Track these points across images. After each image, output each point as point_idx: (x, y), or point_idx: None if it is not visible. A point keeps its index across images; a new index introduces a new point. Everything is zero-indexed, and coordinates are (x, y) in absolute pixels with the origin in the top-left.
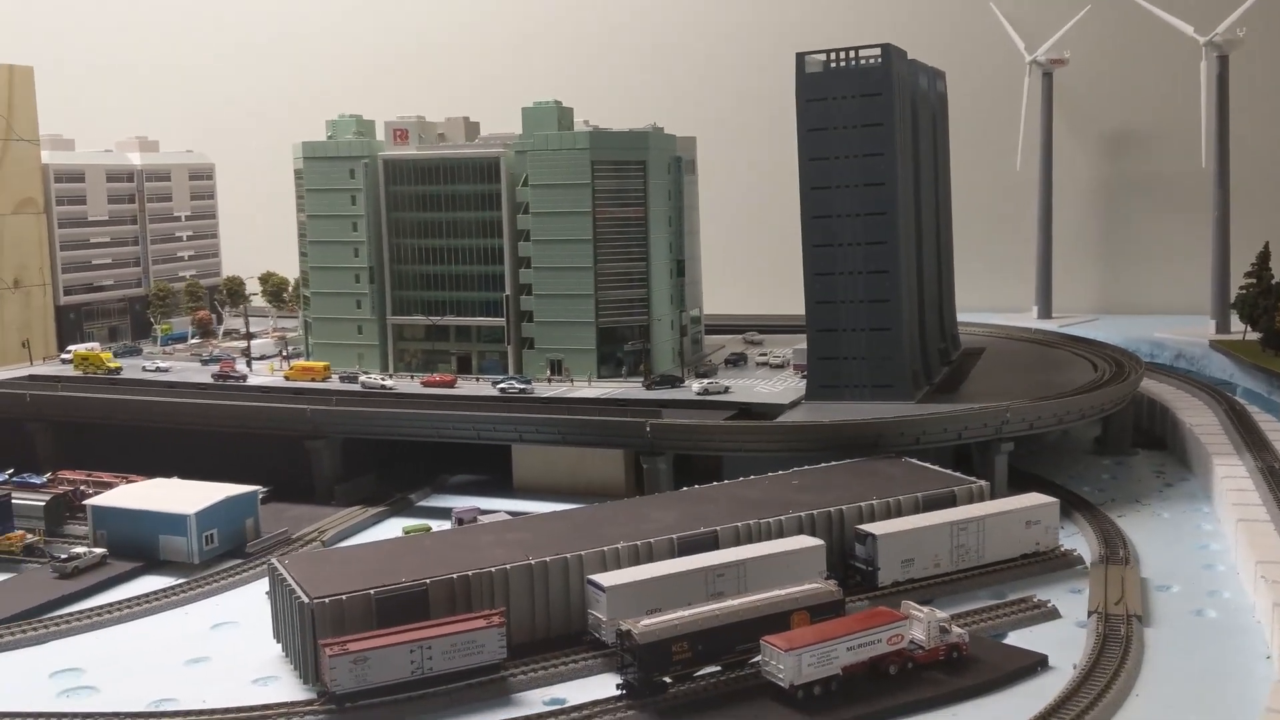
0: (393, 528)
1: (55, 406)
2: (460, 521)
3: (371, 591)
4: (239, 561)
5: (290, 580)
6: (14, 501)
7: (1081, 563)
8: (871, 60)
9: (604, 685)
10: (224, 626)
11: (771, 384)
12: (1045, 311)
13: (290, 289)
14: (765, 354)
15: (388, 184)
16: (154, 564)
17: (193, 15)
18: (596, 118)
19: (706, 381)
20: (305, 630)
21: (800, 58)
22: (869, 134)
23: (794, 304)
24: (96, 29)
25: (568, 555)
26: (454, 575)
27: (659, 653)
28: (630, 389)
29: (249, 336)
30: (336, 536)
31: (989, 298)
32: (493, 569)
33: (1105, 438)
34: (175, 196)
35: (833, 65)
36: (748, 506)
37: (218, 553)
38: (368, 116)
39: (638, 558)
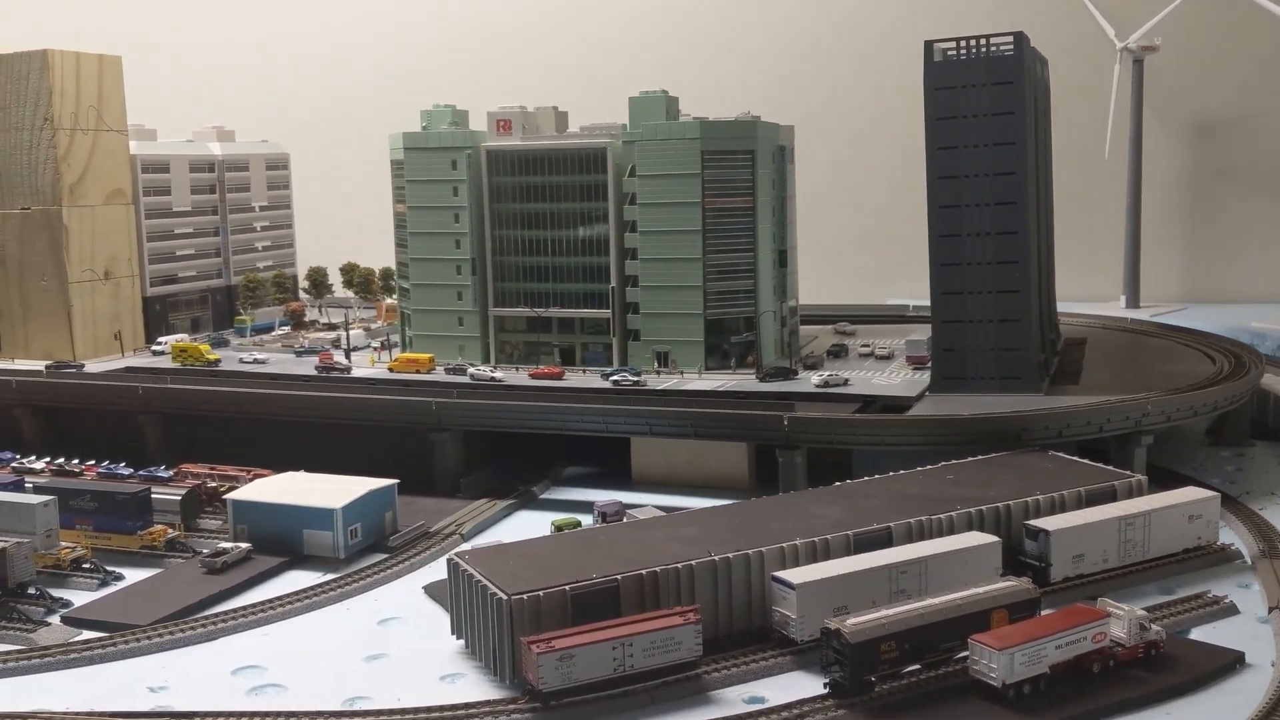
0: (525, 521)
1: (169, 399)
2: (604, 516)
3: (567, 588)
4: (384, 556)
5: (479, 576)
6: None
7: (1240, 557)
8: (1004, 48)
9: (798, 683)
10: (391, 622)
11: (887, 376)
12: (1133, 301)
13: (377, 280)
14: (868, 345)
15: (490, 175)
16: (298, 559)
17: (263, 2)
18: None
19: (826, 374)
20: (502, 627)
21: (929, 45)
22: (1000, 122)
23: (876, 293)
24: (169, 16)
25: (749, 551)
26: (643, 571)
27: (868, 652)
28: (742, 381)
29: (348, 328)
30: (474, 530)
31: (1075, 287)
32: (679, 565)
33: (1220, 429)
34: (253, 187)
35: (963, 53)
36: (912, 502)
37: (361, 547)
38: (442, 106)
39: (815, 554)
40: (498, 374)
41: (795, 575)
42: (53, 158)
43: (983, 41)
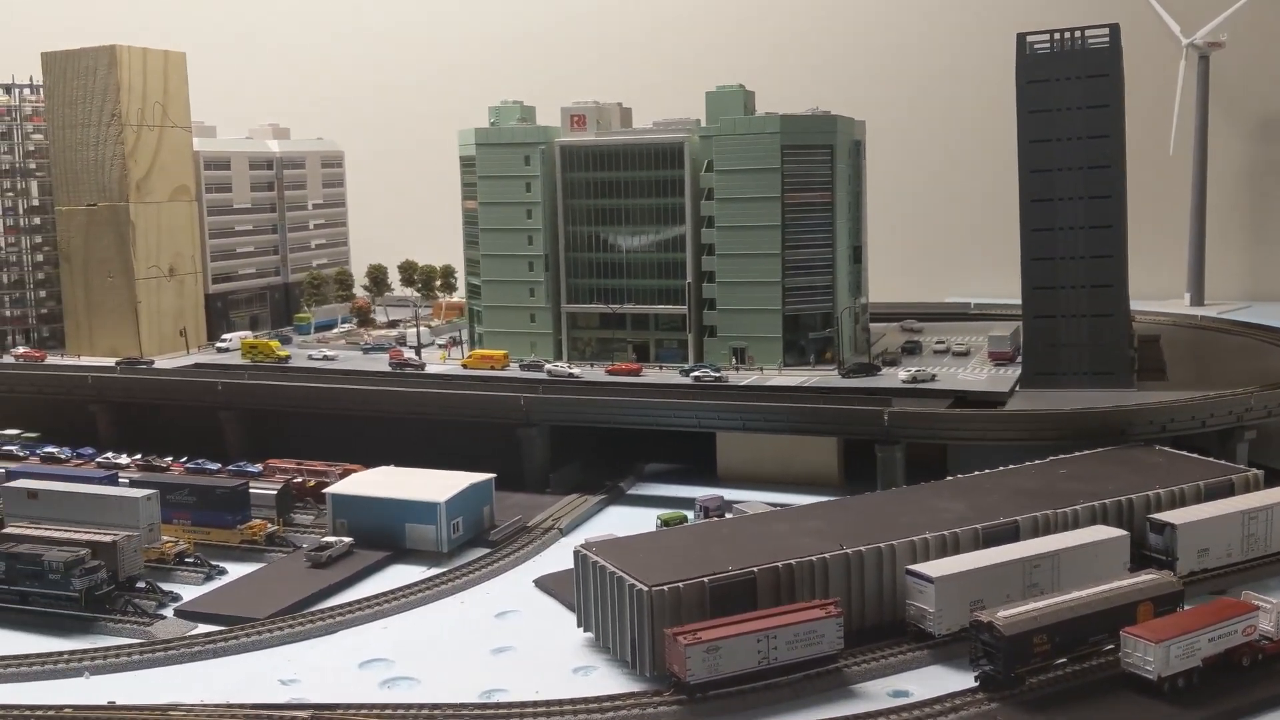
0: (618, 516)
1: (250, 395)
2: (706, 511)
3: (706, 579)
4: (487, 550)
5: (613, 568)
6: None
7: None
8: (1099, 41)
9: (939, 677)
10: (508, 615)
11: (971, 372)
12: (1198, 298)
13: (439, 277)
14: (943, 341)
15: (564, 170)
16: (400, 553)
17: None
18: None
19: (914, 369)
20: (641, 618)
21: (1022, 38)
22: (1095, 116)
23: (931, 292)
24: (220, 12)
25: (881, 545)
26: (779, 564)
27: (1022, 645)
28: (824, 377)
29: (418, 325)
30: (571, 525)
31: (1140, 285)
32: (814, 558)
33: None
34: (309, 184)
35: (1057, 46)
36: (1032, 497)
37: (462, 541)
38: (510, 101)
39: (945, 548)
40: (575, 370)
41: (932, 569)
42: (120, 154)
43: (1077, 34)
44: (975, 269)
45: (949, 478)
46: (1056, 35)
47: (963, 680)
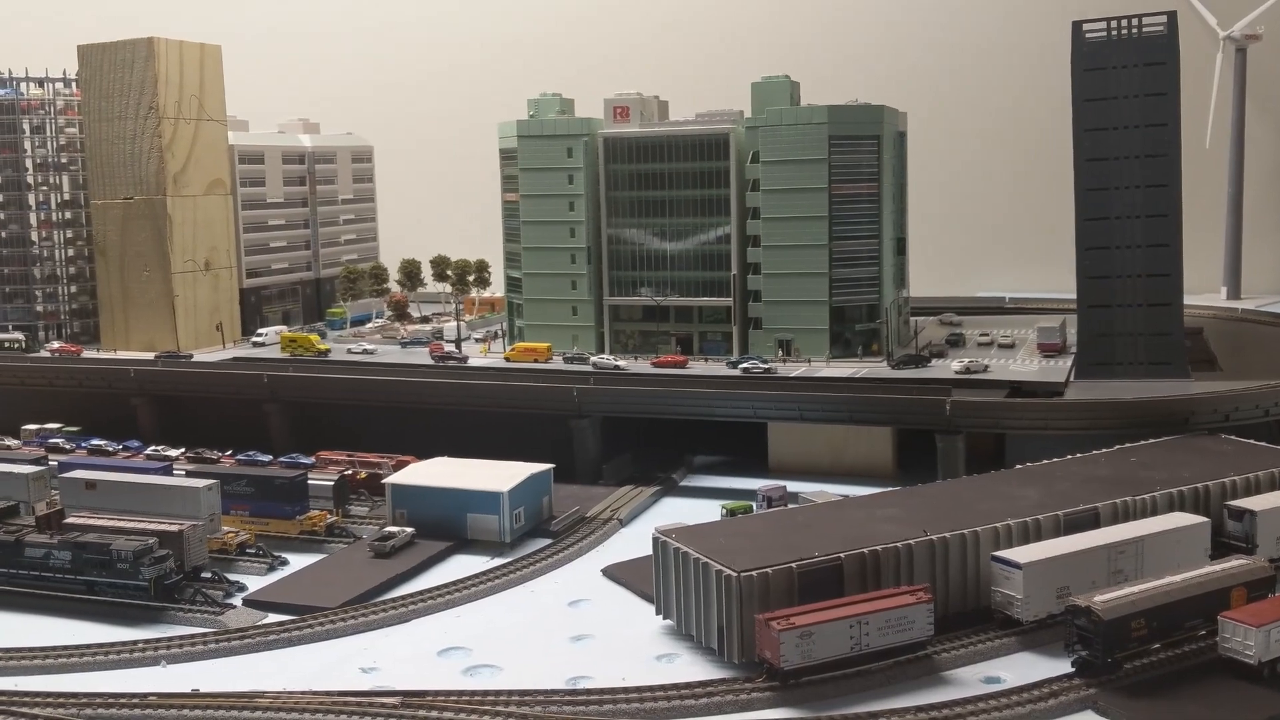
0: (675, 506)
1: (297, 388)
2: (769, 500)
3: (794, 565)
4: (549, 541)
5: (697, 554)
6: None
7: None
8: (1156, 28)
9: (1029, 663)
10: (581, 604)
11: (1022, 363)
12: (1234, 292)
13: (473, 271)
14: (987, 334)
15: (607, 162)
16: (461, 543)
17: None
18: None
19: (967, 360)
20: (730, 604)
21: (1077, 26)
22: (1153, 104)
23: (963, 286)
24: (249, 4)
25: (965, 531)
26: (865, 550)
27: (1120, 630)
28: (873, 369)
29: (459, 319)
30: (631, 515)
31: None
32: (899, 545)
33: None
34: (339, 179)
35: (1113, 34)
36: (1107, 484)
37: (523, 531)
38: (549, 94)
39: (1027, 535)
40: (621, 363)
41: (1020, 555)
42: (157, 147)
43: (1134, 22)
44: (1004, 263)
45: (1018, 466)
46: (1113, 23)
47: (1054, 666)
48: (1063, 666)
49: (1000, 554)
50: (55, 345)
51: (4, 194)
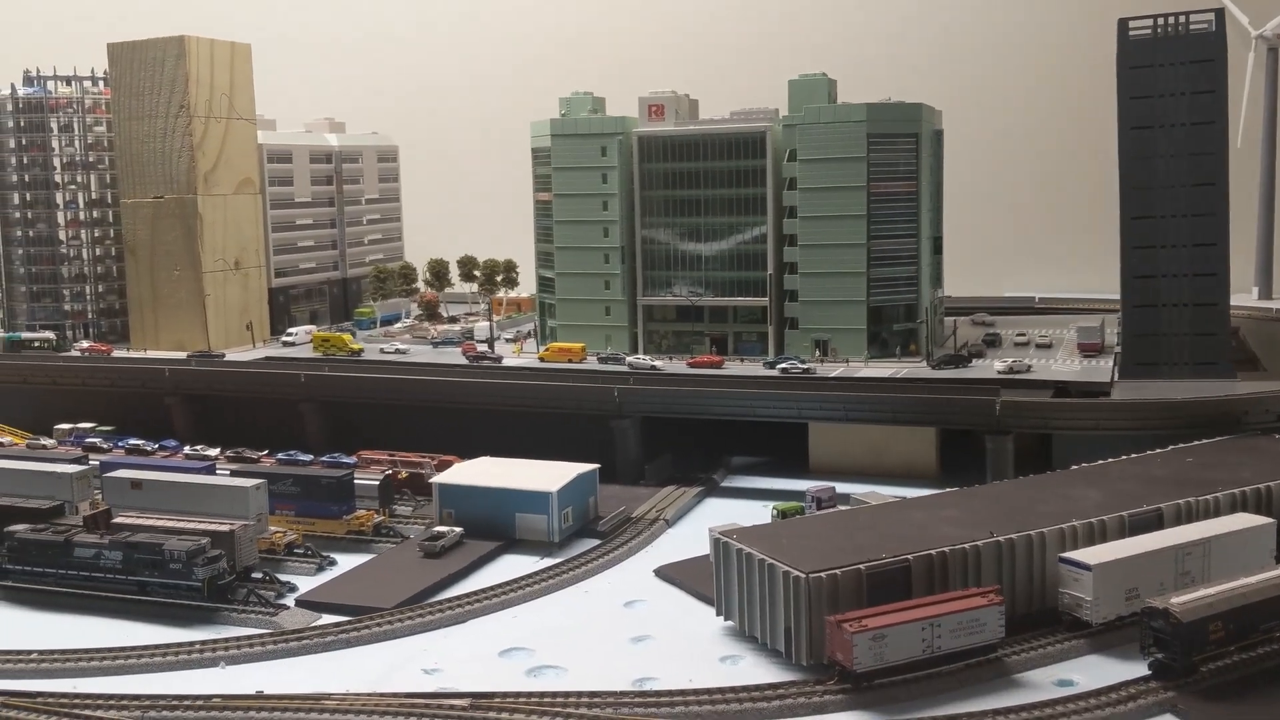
0: (719, 507)
1: (334, 387)
2: (819, 502)
3: (862, 566)
4: (597, 541)
5: (762, 555)
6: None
7: None
8: (1203, 25)
9: (1101, 666)
10: (636, 605)
11: (1063, 363)
12: (1265, 291)
13: (501, 271)
14: (1024, 334)
15: (641, 160)
16: (509, 543)
17: None
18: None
19: (1011, 360)
20: (798, 605)
21: (1123, 24)
22: (1200, 101)
23: (989, 286)
24: (272, 2)
25: (1031, 533)
26: (933, 551)
27: (1198, 632)
28: (913, 369)
29: (492, 319)
30: (677, 516)
31: None
32: (966, 546)
33: None
34: (365, 179)
35: (1160, 32)
36: (1167, 485)
37: (571, 531)
38: (580, 93)
39: (1092, 536)
40: (657, 363)
41: (1089, 556)
42: (188, 145)
43: (1181, 19)
44: (1030, 263)
45: (1074, 466)
46: (1159, 20)
47: (1126, 669)
48: (1135, 669)
49: (1068, 555)
50: (84, 344)
51: (32, 193)
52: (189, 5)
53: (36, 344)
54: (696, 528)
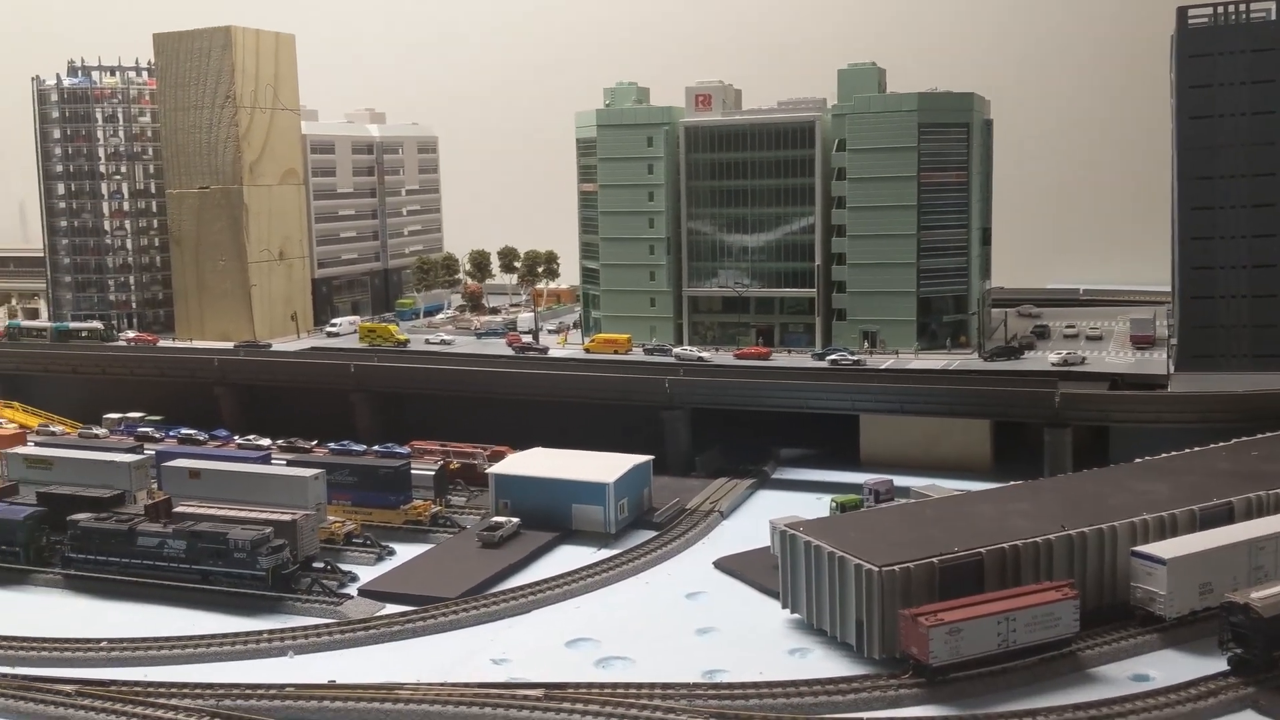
0: (772, 500)
1: (384, 378)
2: (877, 495)
3: (935, 560)
4: (655, 533)
5: (830, 548)
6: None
7: None
8: (1264, 14)
9: (1175, 660)
10: (698, 596)
11: (1117, 355)
12: None
13: (542, 262)
14: (1073, 326)
15: (688, 151)
16: (566, 534)
17: None
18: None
19: (1065, 352)
20: (870, 599)
21: (1182, 12)
22: (1260, 91)
23: (1034, 276)
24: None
25: (1103, 526)
26: (1005, 545)
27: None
28: (965, 361)
29: (536, 310)
30: (731, 508)
31: None
32: (1038, 539)
33: None
34: (405, 170)
35: (1219, 20)
36: (1234, 478)
37: (627, 522)
38: (625, 83)
39: (1164, 530)
40: (704, 354)
41: (1163, 550)
42: (234, 136)
43: (1240, 7)
44: (1071, 255)
45: (1137, 460)
46: (1218, 8)
47: (1203, 664)
48: (1211, 664)
49: (1141, 549)
50: (130, 334)
51: (77, 183)
52: None
53: (84, 334)
54: (752, 520)
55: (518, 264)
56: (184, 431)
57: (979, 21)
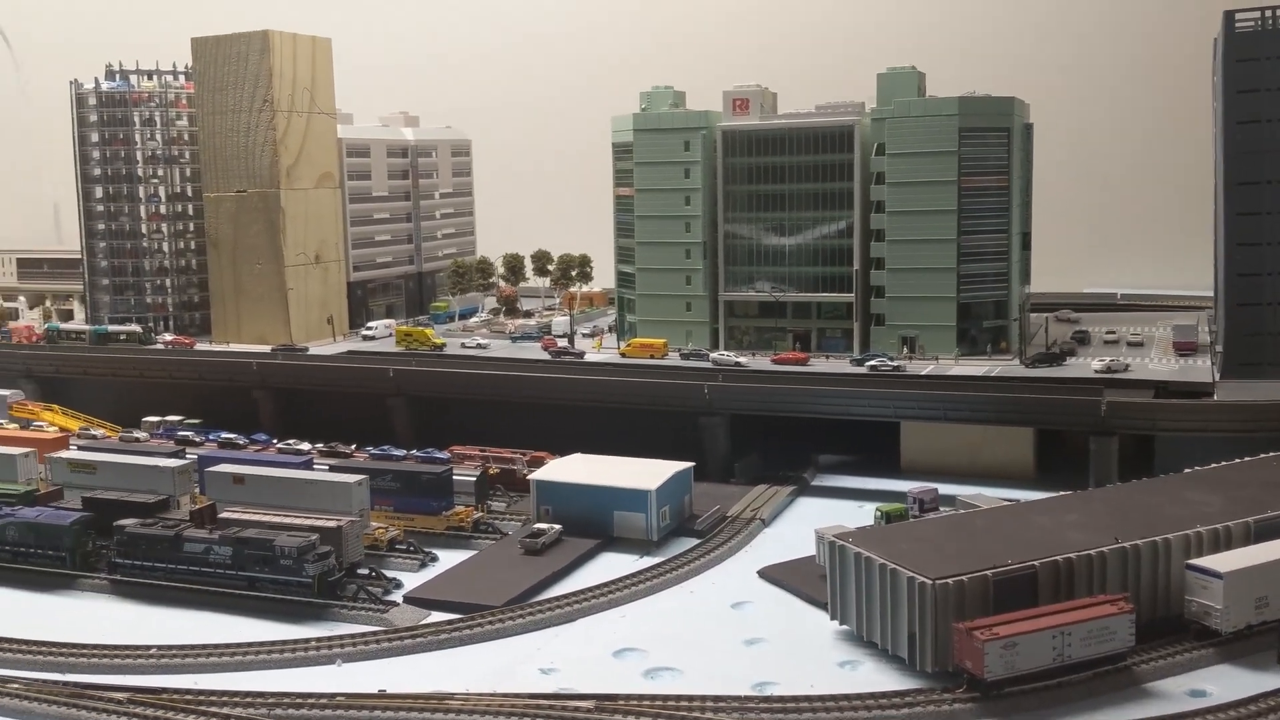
0: (813, 507)
1: (423, 382)
2: (921, 504)
3: (989, 573)
4: (697, 541)
5: (882, 560)
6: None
7: None
8: None
9: (1233, 676)
10: (744, 606)
11: (1160, 362)
12: None
13: (576, 266)
14: (1113, 332)
15: (725, 155)
16: (607, 541)
17: None
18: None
19: (1108, 359)
20: (923, 612)
21: (1229, 16)
22: None
23: (1069, 281)
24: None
25: (1157, 539)
26: (1059, 558)
27: None
28: (1006, 367)
29: (571, 314)
30: (773, 515)
31: None
32: (1092, 552)
33: None
34: (439, 173)
35: (1266, 23)
36: None
37: (669, 530)
38: (661, 87)
39: (1218, 543)
40: (742, 359)
41: (1219, 564)
42: (271, 140)
43: None
44: (1109, 259)
45: (1187, 470)
46: (1267, 13)
47: (1261, 679)
48: (1271, 680)
49: (1196, 562)
50: (168, 337)
51: (114, 186)
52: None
53: (123, 336)
54: (794, 528)
55: (551, 267)
56: (224, 435)
57: (1019, 24)
